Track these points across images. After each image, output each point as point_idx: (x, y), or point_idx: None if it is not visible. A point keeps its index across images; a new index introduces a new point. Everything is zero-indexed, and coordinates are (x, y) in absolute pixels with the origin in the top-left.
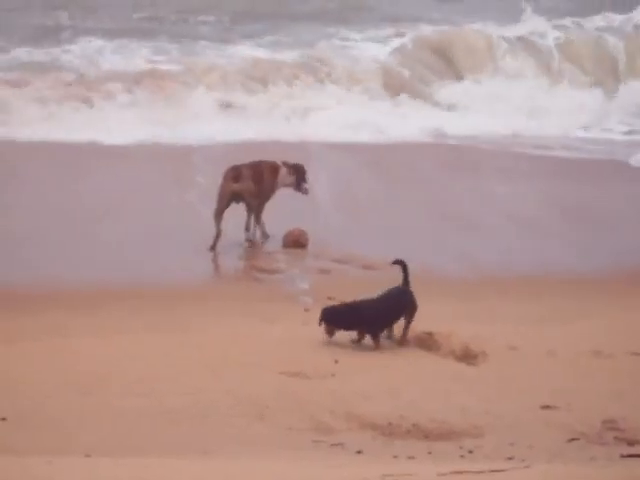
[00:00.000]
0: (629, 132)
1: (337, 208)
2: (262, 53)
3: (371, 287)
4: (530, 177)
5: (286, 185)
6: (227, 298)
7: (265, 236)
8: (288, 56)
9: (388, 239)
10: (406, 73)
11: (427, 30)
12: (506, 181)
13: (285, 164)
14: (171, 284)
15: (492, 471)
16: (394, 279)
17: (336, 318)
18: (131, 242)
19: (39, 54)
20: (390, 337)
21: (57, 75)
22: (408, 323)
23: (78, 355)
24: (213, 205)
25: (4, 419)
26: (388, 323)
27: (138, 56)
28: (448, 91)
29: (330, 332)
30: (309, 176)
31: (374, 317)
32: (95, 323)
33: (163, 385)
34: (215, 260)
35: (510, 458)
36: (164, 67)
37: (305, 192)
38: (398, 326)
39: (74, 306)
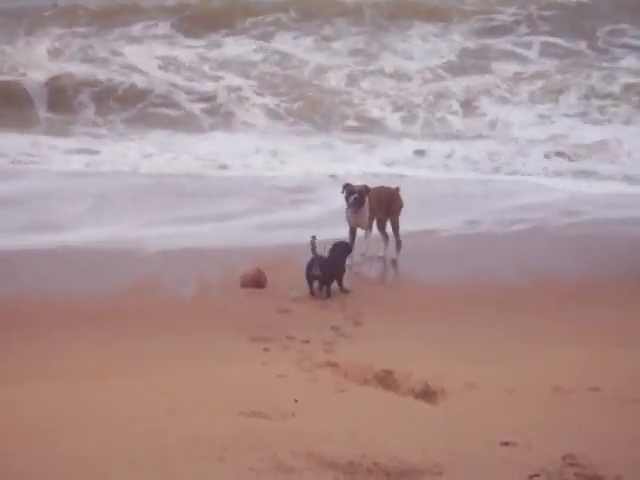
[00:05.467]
0: None
1: None
2: None
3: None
4: None
5: None
6: (186, 338)
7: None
8: None
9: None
10: None
11: None
12: None
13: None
14: (130, 327)
15: None
16: None
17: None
18: (83, 282)
19: None
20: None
21: None
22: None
23: (35, 402)
24: None
25: None
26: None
27: None
28: None
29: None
30: None
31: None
32: (55, 366)
33: (123, 429)
34: (174, 301)
35: None
36: None
37: None
38: None
39: (32, 349)
